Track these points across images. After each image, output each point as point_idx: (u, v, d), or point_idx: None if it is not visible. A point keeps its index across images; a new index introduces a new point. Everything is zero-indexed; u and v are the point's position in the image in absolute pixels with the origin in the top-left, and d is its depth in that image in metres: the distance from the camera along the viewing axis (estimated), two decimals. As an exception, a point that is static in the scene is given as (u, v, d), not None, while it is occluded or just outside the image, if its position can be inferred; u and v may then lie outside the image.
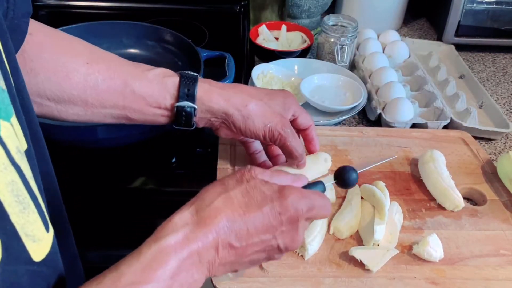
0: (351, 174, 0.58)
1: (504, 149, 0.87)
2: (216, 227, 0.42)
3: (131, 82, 0.58)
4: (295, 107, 0.65)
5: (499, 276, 0.60)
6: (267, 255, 0.47)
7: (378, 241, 0.61)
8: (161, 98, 0.58)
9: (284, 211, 0.45)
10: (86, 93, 0.57)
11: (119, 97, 0.58)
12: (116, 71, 0.58)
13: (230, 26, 1.13)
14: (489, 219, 0.68)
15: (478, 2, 1.11)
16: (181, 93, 0.58)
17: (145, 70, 0.59)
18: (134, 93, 0.58)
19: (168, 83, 0.59)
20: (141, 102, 0.58)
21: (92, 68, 0.57)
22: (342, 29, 1.02)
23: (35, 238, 0.34)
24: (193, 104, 0.59)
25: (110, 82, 0.57)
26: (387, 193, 0.67)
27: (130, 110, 0.59)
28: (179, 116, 0.59)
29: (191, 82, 0.59)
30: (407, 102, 0.88)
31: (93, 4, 1.17)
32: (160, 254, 0.40)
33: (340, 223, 0.63)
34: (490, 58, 1.16)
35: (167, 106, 0.59)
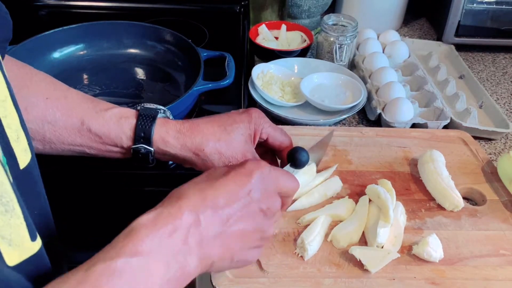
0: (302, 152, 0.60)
1: (504, 149, 0.87)
2: (188, 202, 0.42)
3: (88, 121, 0.57)
4: (263, 129, 0.63)
5: (499, 276, 0.60)
6: (254, 223, 0.46)
7: (381, 244, 0.61)
8: (117, 139, 0.58)
9: (250, 171, 0.46)
10: (44, 128, 0.57)
11: (76, 135, 0.58)
12: (74, 109, 0.58)
13: (230, 26, 1.13)
14: (488, 219, 0.68)
15: (478, 2, 1.10)
16: (137, 136, 0.58)
17: (103, 110, 0.59)
18: (90, 132, 0.58)
19: (124, 125, 0.58)
20: (98, 140, 0.58)
21: (51, 104, 0.57)
22: (342, 29, 1.02)
23: (11, 242, 0.33)
24: (149, 147, 0.59)
25: (67, 120, 0.57)
26: (394, 195, 0.67)
27: (87, 147, 0.59)
28: (136, 156, 0.59)
29: (148, 125, 0.58)
30: (407, 102, 0.88)
31: (93, 4, 1.17)
32: (132, 232, 0.39)
33: (340, 233, 0.63)
34: (490, 58, 1.16)
35: (124, 146, 0.59)
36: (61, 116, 0.57)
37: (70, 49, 0.94)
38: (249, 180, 0.45)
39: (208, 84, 0.80)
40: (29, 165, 0.38)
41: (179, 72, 0.92)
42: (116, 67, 0.94)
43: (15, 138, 0.36)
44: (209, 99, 0.90)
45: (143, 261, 0.37)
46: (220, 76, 0.81)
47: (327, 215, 0.65)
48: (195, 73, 0.82)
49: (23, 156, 0.37)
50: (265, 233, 0.48)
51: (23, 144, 0.37)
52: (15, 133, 0.36)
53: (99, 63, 0.94)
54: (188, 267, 0.41)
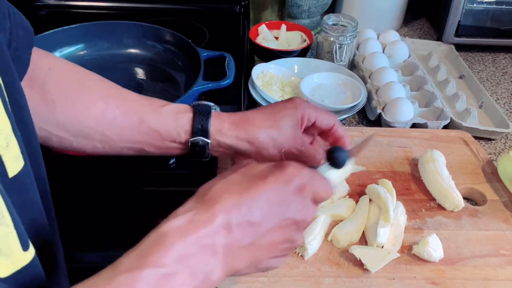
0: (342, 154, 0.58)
1: (504, 149, 0.87)
2: (222, 207, 0.40)
3: (147, 117, 0.59)
4: (309, 113, 0.62)
5: (499, 276, 0.60)
6: (285, 234, 0.44)
7: (381, 243, 0.61)
8: (175, 134, 0.59)
9: (290, 178, 0.44)
10: (103, 127, 0.58)
11: (136, 132, 0.59)
12: (132, 107, 0.59)
13: (230, 26, 1.13)
14: (489, 219, 0.68)
15: (478, 2, 1.10)
16: (195, 129, 0.59)
17: (159, 106, 0.60)
18: (150, 128, 0.59)
19: (182, 119, 0.60)
20: (156, 137, 0.59)
21: (110, 102, 0.58)
22: (342, 29, 1.02)
23: (1, 251, 0.32)
24: (206, 139, 0.60)
25: (127, 117, 0.58)
26: (394, 194, 0.67)
27: (146, 144, 0.60)
28: (193, 150, 0.60)
29: (204, 118, 0.60)
30: (407, 102, 0.88)
31: (93, 4, 1.17)
32: (161, 239, 0.38)
33: (340, 232, 0.63)
34: (490, 58, 1.16)
35: (182, 141, 0.60)
36: (121, 114, 0.58)
37: (70, 49, 0.94)
38: (288, 189, 0.44)
39: (208, 84, 0.79)
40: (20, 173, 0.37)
41: (179, 72, 0.92)
42: (116, 67, 0.94)
43: (4, 146, 0.35)
44: (209, 99, 0.89)
45: (169, 272, 0.37)
46: (220, 76, 0.81)
47: (328, 214, 0.65)
48: (195, 73, 0.82)
49: (13, 164, 0.36)
50: (294, 243, 0.46)
51: (13, 151, 0.36)
52: (5, 141, 0.35)
53: (99, 63, 0.94)
54: (213, 277, 0.40)
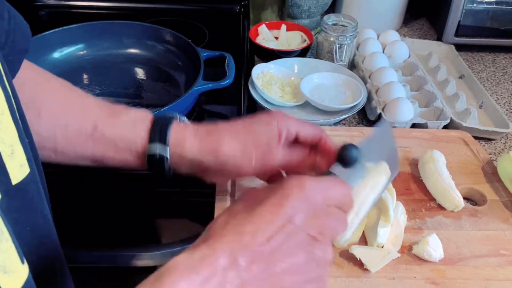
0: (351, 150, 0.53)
1: (504, 149, 0.87)
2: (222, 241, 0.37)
3: (101, 125, 0.55)
4: (289, 126, 0.57)
5: (499, 276, 0.60)
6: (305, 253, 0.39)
7: (381, 244, 0.61)
8: (132, 143, 0.55)
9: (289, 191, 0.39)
10: (55, 134, 0.54)
11: (89, 140, 0.55)
12: (87, 114, 0.55)
13: (230, 26, 1.13)
14: (489, 219, 0.68)
15: (478, 2, 1.10)
16: (152, 138, 0.55)
17: (118, 114, 0.56)
18: (104, 137, 0.55)
19: (139, 127, 0.56)
20: (111, 146, 0.55)
21: (65, 108, 0.55)
22: (342, 29, 1.02)
23: (6, 269, 0.31)
24: (164, 154, 0.55)
25: (80, 124, 0.55)
26: (394, 194, 0.67)
27: (100, 154, 0.56)
28: (151, 162, 0.56)
29: (164, 126, 0.55)
30: (407, 102, 0.88)
31: (93, 4, 1.17)
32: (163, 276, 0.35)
33: None
34: (490, 58, 1.16)
35: (138, 151, 0.56)
36: (74, 121, 0.54)
37: (70, 49, 0.94)
38: (288, 204, 0.39)
39: (208, 84, 0.79)
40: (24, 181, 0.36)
41: (179, 72, 0.92)
42: (116, 67, 0.94)
43: (8, 153, 0.35)
44: (209, 99, 0.90)
45: None
46: (220, 76, 0.81)
47: None
48: (195, 73, 0.82)
49: (17, 172, 0.36)
50: (319, 262, 0.40)
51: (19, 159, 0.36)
52: (9, 148, 0.35)
53: (99, 63, 0.94)
54: None
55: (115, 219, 0.70)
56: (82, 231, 0.67)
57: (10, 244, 0.32)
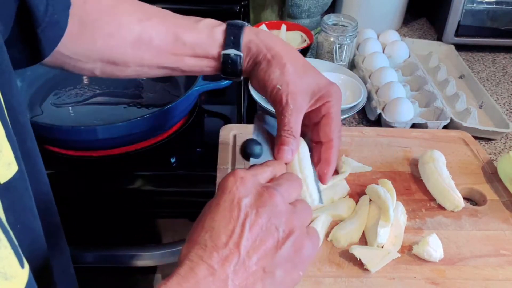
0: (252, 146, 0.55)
1: (504, 149, 0.87)
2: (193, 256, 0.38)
3: (182, 34, 0.59)
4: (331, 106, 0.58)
5: (499, 276, 0.59)
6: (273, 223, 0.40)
7: (381, 244, 0.61)
8: (208, 48, 0.59)
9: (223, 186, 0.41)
10: (141, 50, 0.58)
11: (171, 51, 0.59)
12: (168, 26, 0.59)
13: (230, 26, 1.13)
14: (489, 219, 0.68)
15: (478, 2, 1.11)
16: (227, 40, 0.59)
17: (194, 22, 0.60)
18: (185, 45, 0.59)
19: (216, 32, 0.59)
20: (191, 53, 0.60)
21: (145, 25, 0.58)
22: (342, 29, 1.02)
23: (7, 275, 0.31)
24: (238, 52, 0.59)
25: (162, 37, 0.59)
26: (394, 194, 0.67)
27: (181, 63, 0.60)
28: (226, 64, 0.60)
29: (237, 30, 0.59)
30: (407, 102, 0.88)
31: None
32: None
33: (340, 232, 0.63)
34: (490, 58, 1.16)
35: (214, 55, 0.60)
36: (156, 35, 0.58)
37: (70, 49, 0.93)
38: (228, 192, 0.40)
39: (208, 84, 0.80)
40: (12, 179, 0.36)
41: (179, 72, 0.92)
42: (116, 67, 0.94)
43: None
44: (209, 99, 0.90)
45: None
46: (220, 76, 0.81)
47: (328, 214, 0.65)
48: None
49: (5, 170, 0.35)
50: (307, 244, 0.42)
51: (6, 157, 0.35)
52: None
53: (99, 63, 0.94)
54: None
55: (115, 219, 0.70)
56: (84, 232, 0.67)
57: (9, 251, 0.32)
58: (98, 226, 0.69)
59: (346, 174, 0.72)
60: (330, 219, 0.65)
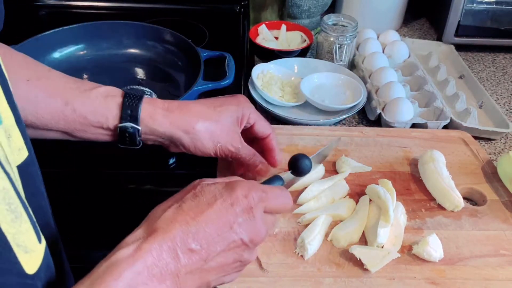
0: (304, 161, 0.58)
1: (504, 149, 0.87)
2: (170, 235, 0.40)
3: (72, 101, 0.56)
4: (251, 115, 0.63)
5: (499, 276, 0.60)
6: (235, 255, 0.45)
7: (381, 244, 0.61)
8: (103, 118, 0.57)
9: (235, 201, 0.44)
10: (25, 111, 0.54)
11: (60, 116, 0.56)
12: (57, 90, 0.56)
13: (230, 26, 1.13)
14: (489, 219, 0.68)
15: (478, 2, 1.11)
16: (124, 114, 0.57)
17: (88, 90, 0.57)
18: (75, 113, 0.56)
19: (110, 103, 0.57)
20: (82, 122, 0.57)
21: (33, 84, 0.55)
22: (342, 29, 1.02)
23: (27, 248, 0.33)
24: (136, 126, 0.57)
25: (50, 100, 0.55)
26: (394, 195, 0.67)
27: (71, 129, 0.57)
28: (123, 137, 0.58)
29: (135, 103, 0.57)
30: (407, 102, 0.88)
31: (93, 4, 1.17)
32: (111, 268, 0.38)
33: (340, 232, 0.63)
34: (490, 58, 1.16)
35: (110, 127, 0.58)
36: (44, 97, 0.55)
37: (70, 49, 0.93)
38: (233, 213, 0.43)
39: (208, 84, 0.79)
40: (24, 163, 0.37)
41: (179, 72, 0.92)
42: (116, 67, 0.94)
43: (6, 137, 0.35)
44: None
45: None
46: (220, 76, 0.81)
47: (328, 214, 0.65)
48: (195, 73, 0.82)
49: (16, 155, 0.37)
50: (244, 262, 0.46)
51: (17, 142, 0.37)
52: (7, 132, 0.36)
53: (99, 63, 0.94)
54: None
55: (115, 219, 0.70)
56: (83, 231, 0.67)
57: (29, 225, 0.34)
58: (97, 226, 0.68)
59: (346, 174, 0.72)
60: (330, 219, 0.65)
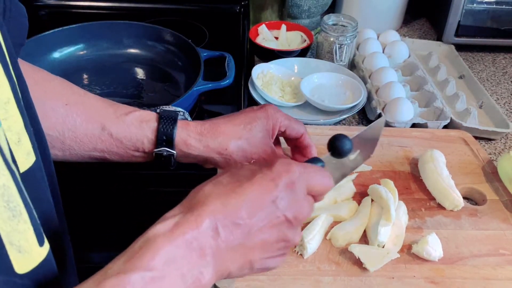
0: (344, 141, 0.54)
1: (504, 149, 0.87)
2: (209, 209, 0.39)
3: (109, 126, 0.57)
4: (281, 122, 0.63)
5: (498, 276, 0.60)
6: (279, 232, 0.43)
7: (382, 242, 0.61)
8: (139, 143, 0.58)
9: (277, 176, 0.42)
10: (64, 135, 0.56)
11: (97, 141, 0.57)
12: (94, 114, 0.57)
13: (230, 26, 1.13)
14: (488, 219, 0.68)
15: (478, 2, 1.11)
16: (159, 139, 0.58)
17: (123, 114, 0.58)
18: (111, 137, 0.57)
19: (145, 129, 0.58)
20: (119, 145, 0.58)
21: (71, 109, 0.56)
22: (342, 29, 1.02)
23: (21, 248, 0.33)
24: (171, 150, 0.59)
25: (87, 125, 0.57)
26: (396, 194, 0.67)
27: (108, 153, 0.59)
28: (158, 160, 0.60)
29: (169, 129, 0.59)
30: (407, 102, 0.88)
31: (93, 4, 1.17)
32: (149, 243, 0.37)
33: (339, 232, 0.63)
34: (490, 58, 1.16)
35: (146, 150, 0.59)
36: (82, 122, 0.56)
37: (70, 49, 0.94)
38: (275, 187, 0.42)
39: (208, 84, 0.80)
40: (31, 169, 0.37)
41: (179, 72, 0.92)
42: (116, 67, 0.94)
43: (15, 141, 0.35)
44: (209, 99, 0.90)
45: (157, 275, 0.36)
46: (220, 76, 0.81)
47: (329, 214, 0.65)
48: (195, 73, 0.82)
49: (24, 160, 0.37)
50: (289, 242, 0.44)
51: (25, 147, 0.37)
52: (16, 136, 0.36)
53: (99, 63, 0.94)
54: (203, 280, 0.39)
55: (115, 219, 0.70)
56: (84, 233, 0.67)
57: (28, 226, 0.33)
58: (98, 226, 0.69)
59: (354, 176, 0.72)
60: (331, 219, 0.65)
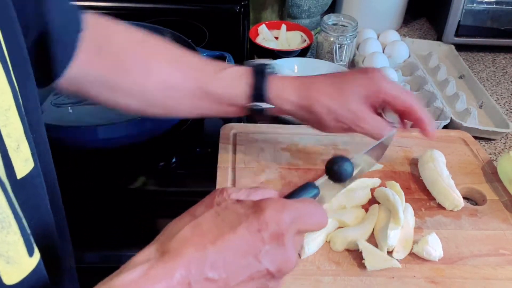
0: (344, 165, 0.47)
1: (504, 149, 0.87)
2: (184, 260, 0.34)
3: (206, 84, 0.61)
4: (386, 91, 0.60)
5: (498, 276, 0.60)
6: (258, 284, 0.38)
7: (392, 246, 0.60)
8: (236, 98, 0.61)
9: (264, 226, 0.36)
10: (166, 94, 0.60)
11: (196, 97, 0.61)
12: (193, 72, 0.61)
13: (230, 26, 1.13)
14: (488, 219, 0.68)
15: (478, 2, 1.11)
16: (254, 95, 0.61)
17: (220, 70, 0.62)
18: (209, 94, 0.61)
19: (242, 84, 0.61)
20: (216, 101, 0.62)
21: (172, 68, 0.60)
22: (342, 29, 1.02)
23: (10, 259, 0.33)
24: (265, 105, 0.62)
25: (188, 83, 0.60)
26: (403, 196, 0.67)
27: (205, 109, 0.63)
28: (252, 113, 0.63)
29: (264, 84, 0.61)
30: (407, 102, 0.88)
31: (93, 4, 1.17)
32: None
33: (339, 235, 0.62)
34: (490, 58, 1.16)
35: (240, 105, 0.62)
36: (182, 80, 0.60)
37: (70, 49, 0.93)
38: (260, 240, 0.36)
39: (208, 84, 0.79)
40: (29, 175, 0.37)
41: (179, 72, 0.92)
42: (116, 67, 0.94)
43: (14, 148, 0.35)
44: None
45: None
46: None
47: (334, 219, 0.64)
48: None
49: (22, 166, 0.36)
50: None
51: (24, 153, 0.37)
52: (15, 143, 0.36)
53: (100, 63, 0.94)
54: None
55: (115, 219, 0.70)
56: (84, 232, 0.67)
57: (18, 237, 0.33)
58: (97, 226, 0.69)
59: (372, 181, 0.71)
60: (336, 224, 0.64)
